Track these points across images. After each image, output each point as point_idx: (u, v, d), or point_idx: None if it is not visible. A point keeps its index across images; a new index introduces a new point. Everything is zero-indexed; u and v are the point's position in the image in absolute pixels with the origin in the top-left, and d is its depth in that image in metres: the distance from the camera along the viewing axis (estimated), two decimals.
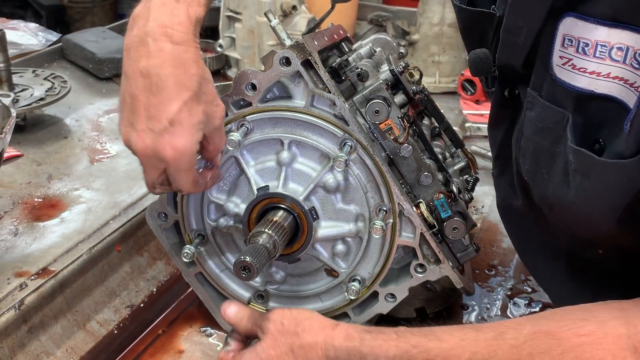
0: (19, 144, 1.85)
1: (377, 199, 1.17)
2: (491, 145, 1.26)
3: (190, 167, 1.07)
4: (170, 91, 1.02)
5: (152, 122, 1.03)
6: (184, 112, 1.03)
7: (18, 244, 1.44)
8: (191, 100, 1.03)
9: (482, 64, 1.10)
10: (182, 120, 1.03)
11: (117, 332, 1.38)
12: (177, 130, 1.03)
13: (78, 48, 2.40)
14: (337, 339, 1.05)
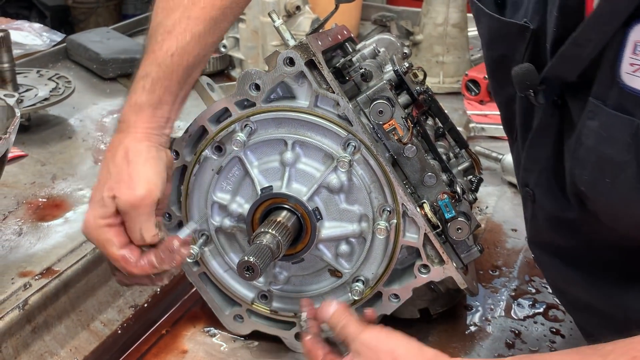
0: (23, 144, 1.86)
1: (381, 199, 1.17)
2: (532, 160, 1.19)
3: (104, 244, 1.12)
4: (100, 172, 1.15)
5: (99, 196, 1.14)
6: (96, 190, 1.13)
7: (22, 243, 1.44)
8: (105, 177, 1.13)
9: (530, 79, 1.09)
10: (92, 197, 1.14)
11: (121, 332, 1.38)
12: (89, 206, 1.14)
13: (82, 48, 2.40)
14: None
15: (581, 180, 1.04)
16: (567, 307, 1.32)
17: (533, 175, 1.17)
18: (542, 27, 1.07)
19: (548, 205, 1.15)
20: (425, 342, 1.31)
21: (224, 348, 1.32)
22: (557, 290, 1.31)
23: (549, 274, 1.28)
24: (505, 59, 1.16)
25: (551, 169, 1.13)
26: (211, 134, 1.20)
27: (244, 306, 1.31)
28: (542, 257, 1.25)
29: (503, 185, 1.86)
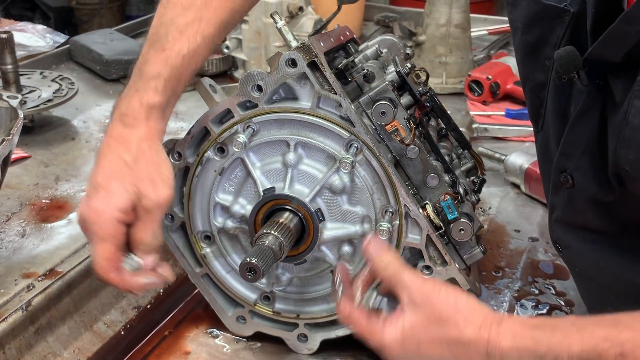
0: (26, 146, 1.86)
1: (384, 200, 1.17)
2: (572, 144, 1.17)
3: (106, 236, 1.07)
4: (106, 161, 1.11)
5: (87, 189, 1.11)
6: (110, 179, 1.08)
7: (25, 245, 1.45)
8: (120, 169, 1.09)
9: (573, 60, 1.08)
10: (106, 185, 1.08)
11: (124, 333, 1.38)
12: (100, 194, 1.08)
13: (85, 50, 2.41)
14: (504, 338, 0.93)
15: (626, 160, 1.03)
16: (590, 296, 1.30)
17: (572, 159, 1.16)
18: (581, 11, 1.07)
19: (589, 187, 1.14)
20: None
21: (227, 349, 1.32)
22: (582, 279, 1.29)
23: (577, 260, 1.26)
24: (540, 43, 1.16)
25: (593, 151, 1.13)
26: (214, 135, 1.20)
27: (247, 307, 1.31)
28: (573, 242, 1.24)
29: (506, 186, 1.85)
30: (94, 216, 1.07)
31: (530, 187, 1.79)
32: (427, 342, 0.96)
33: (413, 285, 1.00)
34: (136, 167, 1.09)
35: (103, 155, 1.12)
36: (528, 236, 1.65)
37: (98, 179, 1.09)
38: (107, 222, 1.07)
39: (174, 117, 2.10)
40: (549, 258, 1.57)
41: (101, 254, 1.08)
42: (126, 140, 1.11)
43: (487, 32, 2.87)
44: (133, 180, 1.08)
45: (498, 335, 0.93)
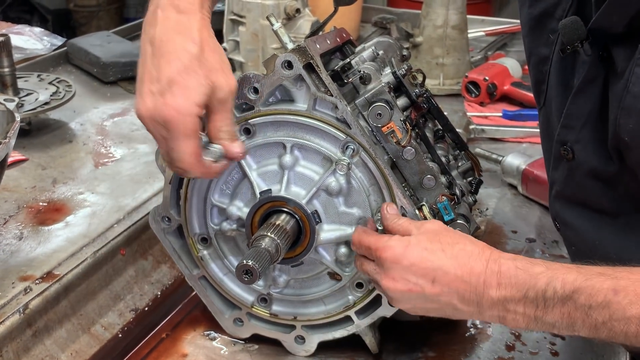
0: (24, 148, 1.86)
1: (380, 202, 1.17)
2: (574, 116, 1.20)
3: (190, 133, 1.04)
4: (171, 54, 1.04)
5: (153, 85, 1.04)
6: (183, 74, 1.03)
7: (23, 248, 1.44)
8: (191, 62, 1.03)
9: (577, 30, 1.10)
10: (181, 81, 1.03)
11: (122, 336, 1.38)
12: (176, 91, 1.02)
13: (83, 52, 2.40)
14: (504, 256, 1.01)
15: (625, 130, 1.04)
16: None
17: (574, 131, 1.18)
18: None
19: (588, 160, 1.16)
20: (426, 344, 1.32)
21: (224, 352, 1.32)
22: (579, 258, 1.29)
23: (575, 238, 1.27)
24: (545, 17, 1.18)
25: (594, 123, 1.14)
26: None
27: (244, 310, 1.31)
28: (571, 219, 1.26)
29: (503, 187, 1.85)
30: (176, 114, 1.02)
31: (527, 188, 1.79)
32: (431, 249, 1.03)
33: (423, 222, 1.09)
34: (204, 58, 1.05)
35: (163, 46, 1.05)
36: (525, 237, 1.66)
37: (169, 74, 1.03)
38: (189, 118, 1.03)
39: None
40: (547, 259, 1.57)
41: (187, 150, 1.05)
42: (187, 29, 1.06)
43: (484, 34, 2.88)
44: (205, 72, 1.04)
45: (499, 254, 1.01)
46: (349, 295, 1.24)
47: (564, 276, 0.95)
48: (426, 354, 1.30)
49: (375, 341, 1.27)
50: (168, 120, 1.03)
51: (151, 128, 1.06)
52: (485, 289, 1.00)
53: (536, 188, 1.76)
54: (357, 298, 1.23)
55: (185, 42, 1.05)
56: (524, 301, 0.98)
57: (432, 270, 1.03)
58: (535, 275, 0.97)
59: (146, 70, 1.05)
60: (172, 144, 1.05)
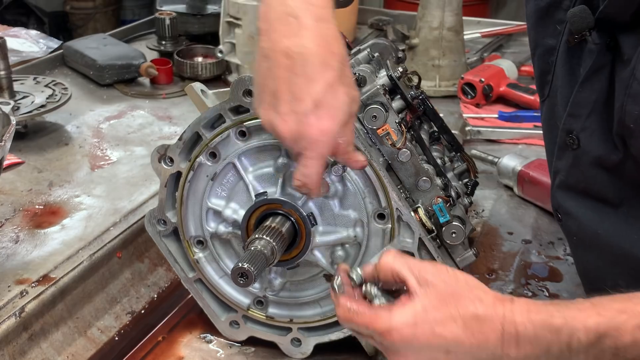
0: (20, 151, 1.86)
1: (375, 204, 1.17)
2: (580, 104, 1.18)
3: (325, 154, 1.02)
4: (315, 71, 0.98)
5: (296, 104, 0.99)
6: (328, 94, 0.99)
7: (19, 251, 1.45)
8: (335, 80, 0.99)
9: (585, 18, 1.10)
10: (326, 103, 0.99)
11: (118, 339, 1.38)
12: (322, 113, 0.99)
13: (79, 55, 2.40)
14: (518, 313, 0.92)
15: (631, 116, 1.04)
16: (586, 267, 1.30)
17: (580, 119, 1.17)
18: None
19: (593, 148, 1.16)
20: None
21: (220, 354, 1.32)
22: (580, 248, 1.29)
23: (576, 228, 1.26)
24: (552, 7, 1.19)
25: (600, 111, 1.14)
26: (205, 140, 1.20)
27: (240, 312, 1.31)
28: (573, 208, 1.25)
29: (499, 189, 1.86)
30: (320, 136, 0.99)
31: (523, 190, 1.80)
32: (442, 321, 0.93)
33: (421, 267, 0.98)
34: (344, 73, 1.01)
35: (305, 62, 0.99)
36: (521, 238, 1.66)
37: (315, 95, 0.98)
38: (330, 140, 1.01)
39: (168, 121, 2.10)
40: (542, 260, 1.58)
41: (317, 170, 1.03)
42: (328, 42, 1.00)
43: (480, 35, 2.88)
44: (346, 89, 1.01)
45: (512, 311, 0.92)
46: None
47: (585, 323, 0.90)
48: None
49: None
50: (310, 141, 1.00)
51: (289, 145, 1.03)
52: (504, 352, 0.93)
53: (532, 189, 1.76)
54: None
55: (329, 58, 0.99)
56: (546, 356, 0.93)
57: (446, 345, 0.94)
58: (556, 330, 0.91)
59: (284, 87, 0.99)
60: (306, 161, 1.03)
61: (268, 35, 1.02)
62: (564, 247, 1.62)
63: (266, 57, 1.02)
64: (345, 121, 1.02)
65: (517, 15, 5.18)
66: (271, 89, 1.01)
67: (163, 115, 2.15)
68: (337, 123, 1.00)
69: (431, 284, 0.95)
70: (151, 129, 2.05)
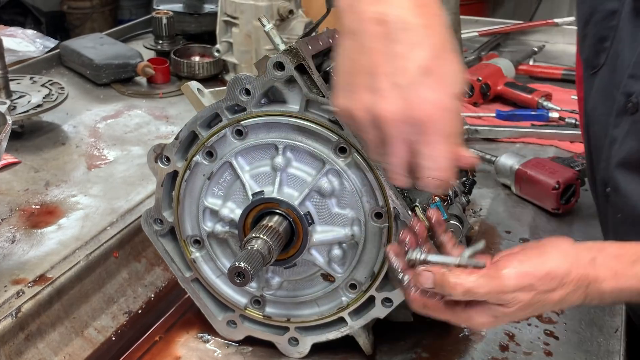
0: (16, 151, 1.85)
1: (373, 203, 1.17)
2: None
3: (452, 132, 0.87)
4: (417, 35, 0.84)
5: (398, 76, 0.84)
6: (438, 60, 0.85)
7: (15, 251, 1.44)
8: (442, 45, 0.86)
9: None
10: (437, 69, 0.84)
11: (115, 339, 1.37)
12: (433, 81, 0.84)
13: (76, 54, 2.40)
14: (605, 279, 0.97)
15: None
16: None
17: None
18: None
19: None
20: (419, 345, 1.32)
21: (218, 354, 1.32)
22: (625, 225, 1.28)
23: (624, 204, 1.24)
24: None
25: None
26: (202, 139, 1.20)
27: (237, 312, 1.30)
28: (626, 182, 1.22)
29: (497, 187, 1.86)
30: (435, 110, 0.85)
31: (520, 188, 1.79)
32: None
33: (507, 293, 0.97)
34: (447, 42, 0.87)
35: (406, 26, 0.85)
36: (519, 237, 1.66)
37: (421, 61, 0.84)
38: (451, 114, 0.87)
39: (165, 121, 2.10)
40: None
41: (448, 155, 0.89)
42: (425, 5, 0.87)
43: (478, 34, 2.88)
44: (455, 56, 0.87)
45: (597, 277, 0.96)
46: (343, 296, 1.24)
47: None
48: (420, 355, 1.30)
49: (369, 342, 1.27)
50: (425, 119, 0.85)
51: (396, 132, 0.87)
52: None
53: (529, 188, 1.76)
54: (351, 299, 1.23)
55: (430, 19, 0.86)
56: None
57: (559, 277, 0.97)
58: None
59: (380, 59, 0.85)
60: (426, 148, 0.87)
61: (352, 8, 0.88)
62: None
63: (352, 33, 0.88)
64: (458, 95, 0.87)
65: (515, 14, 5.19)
66: (365, 67, 0.86)
67: (160, 114, 2.15)
68: (452, 93, 0.86)
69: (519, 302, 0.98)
70: (148, 129, 2.04)
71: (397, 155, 0.89)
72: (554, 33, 2.95)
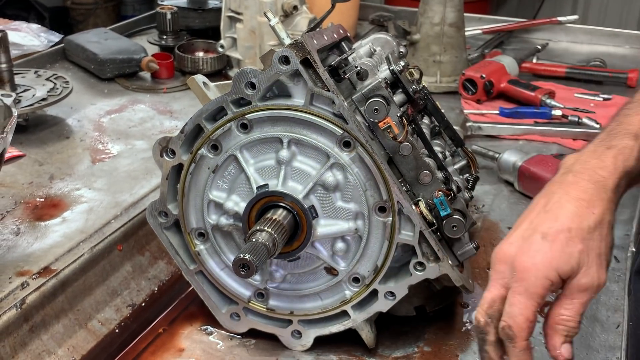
0: (21, 144, 1.86)
1: (377, 197, 1.17)
2: None
3: (535, 295, 0.98)
4: (561, 213, 1.01)
5: (526, 231, 1.02)
6: (560, 234, 0.99)
7: (20, 243, 1.45)
8: (577, 231, 0.99)
9: None
10: (553, 239, 0.99)
11: (119, 331, 1.38)
12: (544, 245, 0.99)
13: (80, 49, 2.41)
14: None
15: None
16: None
17: None
18: None
19: None
20: (422, 339, 1.32)
21: (221, 346, 1.32)
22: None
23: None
24: None
25: None
26: (207, 132, 1.21)
27: (241, 304, 1.31)
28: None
29: (500, 184, 1.86)
30: (531, 266, 0.99)
31: (523, 185, 1.80)
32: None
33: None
34: (591, 237, 1.00)
35: (558, 203, 1.02)
36: None
37: (547, 227, 1.01)
38: (541, 280, 0.98)
39: (169, 116, 2.10)
40: None
41: (524, 312, 0.99)
42: (590, 198, 1.01)
43: (482, 31, 2.88)
44: (583, 249, 0.99)
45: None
46: (346, 290, 1.24)
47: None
48: (422, 349, 1.30)
49: (372, 336, 1.28)
50: (520, 269, 0.99)
51: (498, 269, 1.02)
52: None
53: (532, 185, 1.77)
54: (354, 293, 1.24)
55: (582, 209, 1.00)
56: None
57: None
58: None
59: (528, 218, 1.04)
60: (512, 297, 1.00)
61: (547, 185, 1.07)
62: None
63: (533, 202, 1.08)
64: (564, 275, 0.98)
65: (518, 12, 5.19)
66: (517, 223, 1.05)
67: (164, 109, 2.15)
68: (553, 266, 0.98)
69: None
70: (152, 123, 2.05)
71: (488, 292, 1.03)
72: (557, 31, 2.96)
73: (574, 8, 5.13)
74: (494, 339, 1.03)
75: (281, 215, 1.17)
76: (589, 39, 2.93)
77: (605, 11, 5.08)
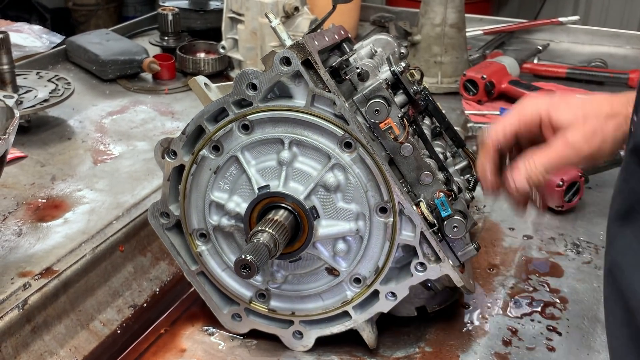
0: (23, 145, 1.86)
1: (378, 197, 1.17)
2: None
3: (521, 115, 1.15)
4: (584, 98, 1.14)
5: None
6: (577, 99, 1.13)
7: (22, 244, 1.45)
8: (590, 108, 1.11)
9: None
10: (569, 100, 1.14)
11: (120, 332, 1.38)
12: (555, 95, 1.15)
13: (82, 50, 2.41)
14: None
15: None
16: None
17: None
18: None
19: None
20: (423, 339, 1.32)
21: (222, 347, 1.32)
22: None
23: None
24: None
25: None
26: (208, 133, 1.21)
27: (242, 305, 1.31)
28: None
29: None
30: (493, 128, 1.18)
31: None
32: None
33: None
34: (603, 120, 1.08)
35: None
36: (522, 234, 1.66)
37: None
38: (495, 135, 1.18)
39: (170, 117, 2.11)
40: (543, 256, 1.58)
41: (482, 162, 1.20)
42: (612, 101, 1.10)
43: (482, 32, 2.88)
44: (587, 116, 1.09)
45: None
46: (347, 290, 1.24)
47: None
48: (423, 349, 1.31)
49: (373, 336, 1.28)
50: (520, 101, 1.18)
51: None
52: None
53: None
54: (355, 293, 1.24)
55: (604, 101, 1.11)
56: None
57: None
58: None
59: None
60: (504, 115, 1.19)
61: None
62: (565, 242, 1.62)
63: None
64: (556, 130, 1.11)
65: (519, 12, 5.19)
66: None
67: (165, 110, 2.16)
68: (548, 103, 1.11)
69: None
70: (154, 124, 2.05)
71: None
72: (558, 32, 2.96)
73: (575, 9, 5.13)
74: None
75: (282, 216, 1.17)
76: (590, 39, 2.94)
77: (606, 12, 5.08)
